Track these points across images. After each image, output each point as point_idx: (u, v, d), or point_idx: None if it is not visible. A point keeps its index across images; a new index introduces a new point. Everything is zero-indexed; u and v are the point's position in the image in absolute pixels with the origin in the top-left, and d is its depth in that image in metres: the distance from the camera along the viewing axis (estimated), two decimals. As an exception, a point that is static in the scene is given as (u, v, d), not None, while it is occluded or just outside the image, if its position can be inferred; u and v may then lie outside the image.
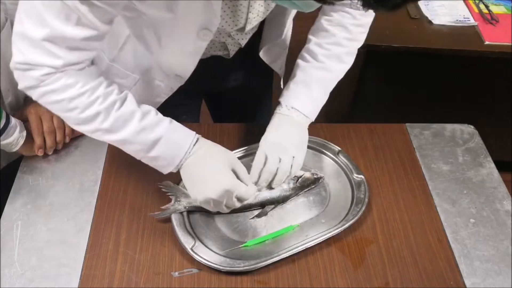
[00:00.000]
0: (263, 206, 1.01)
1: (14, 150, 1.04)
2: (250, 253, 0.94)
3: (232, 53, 1.11)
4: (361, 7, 0.60)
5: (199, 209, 0.98)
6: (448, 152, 1.16)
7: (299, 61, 1.08)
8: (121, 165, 1.09)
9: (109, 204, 1.01)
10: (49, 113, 1.06)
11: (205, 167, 0.90)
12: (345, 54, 1.06)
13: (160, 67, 1.07)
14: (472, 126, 1.23)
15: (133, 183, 1.06)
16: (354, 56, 1.09)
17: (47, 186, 1.04)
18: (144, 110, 0.89)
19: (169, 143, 0.89)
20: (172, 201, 0.98)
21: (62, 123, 1.08)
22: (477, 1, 1.86)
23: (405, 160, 1.13)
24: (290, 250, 0.93)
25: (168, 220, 0.97)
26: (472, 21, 1.76)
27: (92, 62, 0.87)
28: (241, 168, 0.93)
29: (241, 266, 0.90)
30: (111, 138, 0.88)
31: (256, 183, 0.98)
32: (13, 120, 1.01)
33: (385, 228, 1.00)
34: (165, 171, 0.93)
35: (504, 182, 1.09)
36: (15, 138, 1.01)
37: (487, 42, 1.68)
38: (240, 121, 1.21)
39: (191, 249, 0.92)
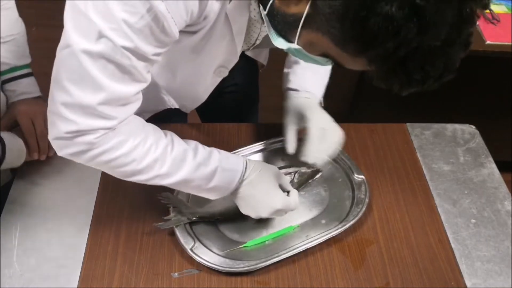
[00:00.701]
0: None
1: (19, 164, 1.02)
2: (250, 253, 0.94)
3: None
4: None
5: (203, 220, 0.97)
6: (449, 152, 1.16)
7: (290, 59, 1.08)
8: (121, 165, 1.09)
9: (109, 204, 1.01)
10: (42, 116, 1.04)
11: (258, 188, 0.91)
12: None
13: (170, 97, 1.08)
14: (473, 126, 1.23)
15: (133, 183, 1.05)
16: None
17: (46, 187, 1.04)
18: (192, 146, 0.88)
19: (225, 171, 0.89)
20: (174, 212, 0.97)
21: None
22: (478, 1, 1.85)
23: (406, 160, 1.13)
24: (290, 251, 0.92)
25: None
26: (473, 21, 1.75)
27: None
28: (285, 180, 0.95)
29: (241, 266, 0.90)
30: (170, 181, 0.85)
31: (311, 155, 0.99)
32: (7, 140, 0.98)
33: (386, 229, 1.00)
34: (218, 196, 0.92)
35: (505, 182, 1.09)
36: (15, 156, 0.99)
37: (488, 42, 1.67)
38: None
39: (191, 249, 0.91)
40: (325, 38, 0.65)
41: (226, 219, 0.99)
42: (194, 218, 0.96)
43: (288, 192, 0.94)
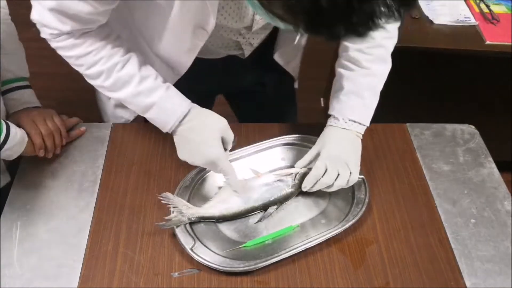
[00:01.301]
0: (265, 208, 1.01)
1: (17, 155, 1.03)
2: (250, 253, 0.94)
3: (246, 52, 1.11)
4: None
5: (203, 220, 0.98)
6: (448, 152, 1.16)
7: (341, 70, 1.06)
8: (121, 165, 1.09)
9: (109, 204, 1.01)
10: (41, 117, 1.06)
11: (196, 135, 0.95)
12: (387, 53, 1.05)
13: (157, 58, 1.08)
14: (472, 126, 1.23)
15: (133, 183, 1.06)
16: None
17: (46, 186, 1.04)
18: (143, 74, 0.94)
19: (162, 110, 0.95)
20: (174, 213, 0.96)
21: (57, 126, 1.08)
22: (477, 1, 1.85)
23: (406, 160, 1.13)
24: (290, 251, 0.92)
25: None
26: (473, 21, 1.75)
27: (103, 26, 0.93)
28: (229, 137, 0.97)
29: (241, 266, 0.90)
30: (112, 96, 0.98)
31: (307, 188, 1.00)
32: (13, 128, 0.99)
33: (386, 228, 1.00)
34: (161, 127, 0.99)
35: (505, 182, 1.09)
36: (17, 142, 1.00)
37: (488, 42, 1.67)
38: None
39: (191, 249, 0.91)
40: None
41: (227, 220, 0.99)
42: (194, 219, 0.96)
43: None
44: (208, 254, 0.91)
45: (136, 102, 0.96)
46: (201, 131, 0.95)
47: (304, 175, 1.02)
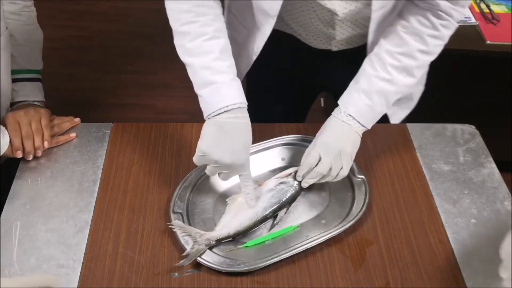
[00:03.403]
0: (276, 213, 0.99)
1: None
2: (250, 253, 0.94)
3: (335, 45, 1.13)
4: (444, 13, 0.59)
5: (220, 242, 0.95)
6: (449, 152, 1.16)
7: (366, 66, 1.03)
8: (121, 165, 1.09)
9: (109, 204, 1.01)
10: (27, 118, 1.06)
11: (236, 134, 0.93)
12: (416, 67, 1.01)
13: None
14: (473, 126, 1.23)
15: (133, 183, 1.06)
16: (425, 70, 1.05)
17: (46, 186, 1.04)
18: (221, 57, 0.95)
19: (216, 92, 0.93)
20: (190, 244, 0.92)
21: (40, 128, 1.07)
22: (478, 1, 1.85)
23: (406, 160, 1.13)
24: (290, 251, 0.92)
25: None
26: (473, 21, 1.75)
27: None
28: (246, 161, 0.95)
29: (241, 266, 0.90)
30: (185, 59, 0.96)
31: (301, 177, 1.00)
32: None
33: (386, 229, 1.00)
34: (203, 109, 0.96)
35: (505, 182, 1.09)
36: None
37: (488, 42, 1.67)
38: None
39: (191, 249, 0.91)
40: None
41: (242, 234, 0.96)
42: (213, 243, 0.93)
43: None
44: (208, 254, 0.91)
45: (201, 74, 0.95)
46: (242, 132, 0.93)
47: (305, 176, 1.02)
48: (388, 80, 1.01)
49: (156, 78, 2.59)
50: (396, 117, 1.26)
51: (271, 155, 1.11)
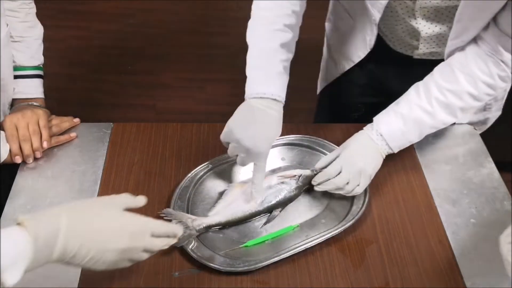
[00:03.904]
0: (270, 211, 1.00)
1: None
2: (250, 253, 0.94)
3: (417, 54, 1.14)
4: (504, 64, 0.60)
5: (210, 229, 0.96)
6: (448, 152, 1.16)
7: (411, 91, 1.03)
8: (121, 165, 1.09)
9: (109, 204, 1.01)
10: (24, 121, 1.05)
11: (267, 122, 0.95)
12: (459, 109, 1.00)
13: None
14: (472, 126, 1.23)
15: (133, 183, 1.06)
16: (467, 114, 1.05)
17: (46, 186, 1.04)
18: (281, 51, 0.98)
19: (261, 76, 0.98)
20: (182, 228, 0.91)
21: (37, 129, 1.06)
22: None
23: (405, 160, 1.13)
24: (290, 250, 0.93)
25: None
26: (472, 21, 1.75)
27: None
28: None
29: (241, 266, 0.90)
30: (249, 40, 1.01)
31: (316, 183, 1.01)
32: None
33: (385, 228, 1.00)
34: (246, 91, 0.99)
35: (504, 182, 1.09)
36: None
37: (487, 42, 1.67)
38: None
39: (191, 249, 0.92)
40: None
41: (233, 225, 0.98)
42: (201, 229, 0.95)
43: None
44: (208, 254, 0.91)
45: (256, 57, 0.99)
46: (270, 123, 0.96)
47: (307, 178, 1.02)
48: (429, 112, 1.00)
49: (156, 78, 2.60)
50: None
51: (271, 155, 1.10)
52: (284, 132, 1.14)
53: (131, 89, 2.53)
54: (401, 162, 1.13)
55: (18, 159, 1.05)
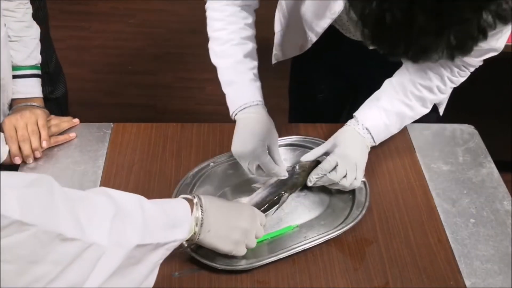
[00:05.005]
0: (277, 200, 1.00)
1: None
2: (250, 252, 0.93)
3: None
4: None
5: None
6: (448, 152, 1.16)
7: (387, 87, 1.09)
8: (121, 165, 1.09)
9: (109, 204, 1.01)
10: (23, 121, 1.06)
11: (245, 130, 1.02)
12: (430, 101, 1.09)
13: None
14: (472, 126, 1.23)
15: (133, 183, 1.06)
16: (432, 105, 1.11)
17: (47, 186, 1.04)
18: (244, 60, 1.06)
19: (238, 90, 1.06)
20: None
21: (36, 129, 1.06)
22: (477, 1, 1.85)
23: (405, 160, 1.13)
24: (290, 250, 0.93)
25: None
26: (472, 21, 1.75)
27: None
28: (275, 148, 1.03)
29: (240, 264, 0.90)
30: (214, 60, 1.09)
31: (312, 182, 1.02)
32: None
33: (385, 228, 1.00)
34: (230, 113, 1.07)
35: (504, 182, 1.09)
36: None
37: (487, 42, 1.67)
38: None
39: (191, 249, 0.92)
40: None
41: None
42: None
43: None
44: (208, 254, 0.92)
45: (226, 73, 1.07)
46: (254, 123, 1.02)
47: (304, 166, 1.03)
48: (408, 105, 1.08)
49: (156, 78, 2.60)
50: None
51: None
52: (285, 132, 1.15)
53: (131, 89, 2.53)
54: (400, 162, 1.13)
55: (17, 160, 1.05)
